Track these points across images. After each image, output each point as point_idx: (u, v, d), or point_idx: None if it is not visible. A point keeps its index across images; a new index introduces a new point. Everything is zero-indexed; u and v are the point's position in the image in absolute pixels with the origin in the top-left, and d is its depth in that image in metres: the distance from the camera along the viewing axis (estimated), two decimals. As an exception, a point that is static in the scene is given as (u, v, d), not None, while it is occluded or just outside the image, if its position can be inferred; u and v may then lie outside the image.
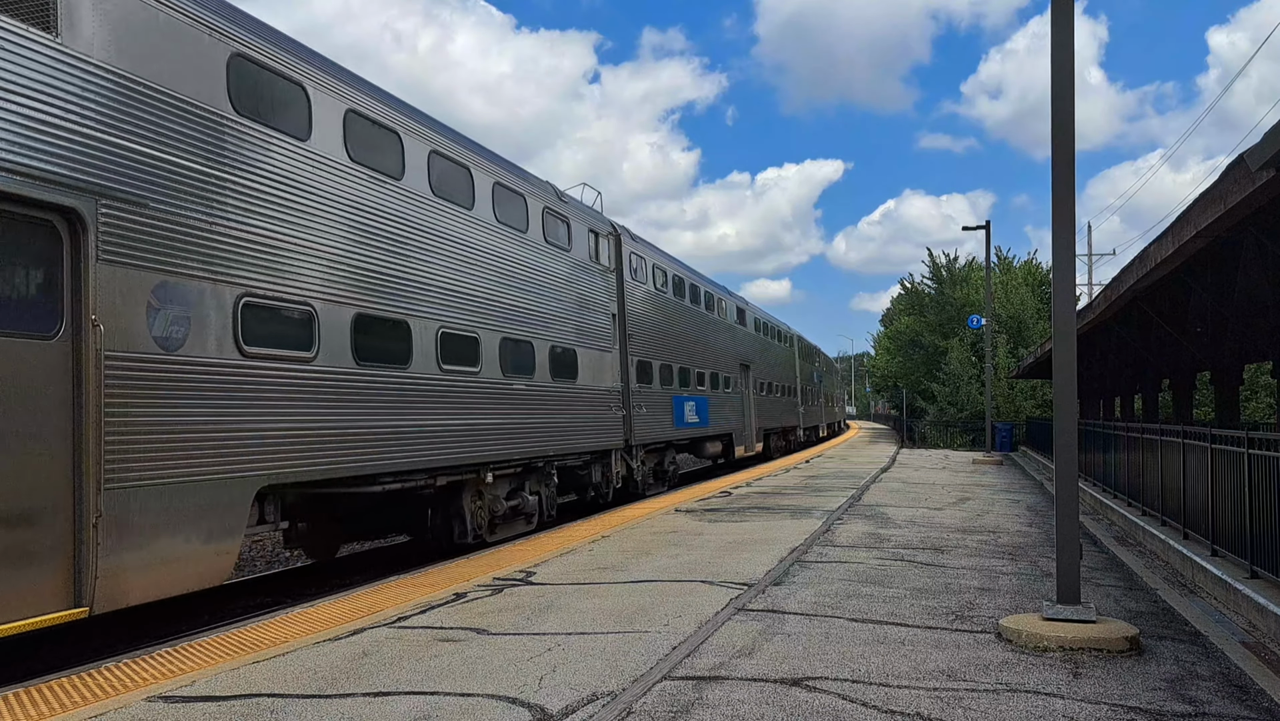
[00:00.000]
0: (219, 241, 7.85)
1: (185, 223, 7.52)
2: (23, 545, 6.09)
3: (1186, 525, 10.26)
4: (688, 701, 5.22)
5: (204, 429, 7.51)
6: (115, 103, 6.99)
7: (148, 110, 7.28)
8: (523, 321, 13.25)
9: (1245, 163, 6.80)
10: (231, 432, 7.79)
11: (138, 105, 7.18)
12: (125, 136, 7.04)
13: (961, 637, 6.64)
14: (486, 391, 12.05)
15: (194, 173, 7.67)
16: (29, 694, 5.58)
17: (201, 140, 7.78)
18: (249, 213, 8.25)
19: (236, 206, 8.11)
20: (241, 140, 8.23)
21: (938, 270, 55.71)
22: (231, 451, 7.77)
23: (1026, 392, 44.90)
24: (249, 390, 8.02)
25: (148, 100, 7.27)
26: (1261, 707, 5.20)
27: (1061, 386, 7.12)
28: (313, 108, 9.23)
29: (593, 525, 13.37)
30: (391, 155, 10.55)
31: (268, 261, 8.42)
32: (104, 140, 6.85)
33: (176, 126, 7.53)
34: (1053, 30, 7.08)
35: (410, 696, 5.42)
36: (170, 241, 7.34)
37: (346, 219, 9.63)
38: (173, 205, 7.40)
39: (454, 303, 11.47)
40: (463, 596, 8.30)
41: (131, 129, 7.10)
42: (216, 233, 7.84)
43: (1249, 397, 32.39)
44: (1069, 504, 7.04)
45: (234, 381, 7.87)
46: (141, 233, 7.07)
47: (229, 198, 8.03)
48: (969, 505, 15.79)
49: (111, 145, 6.91)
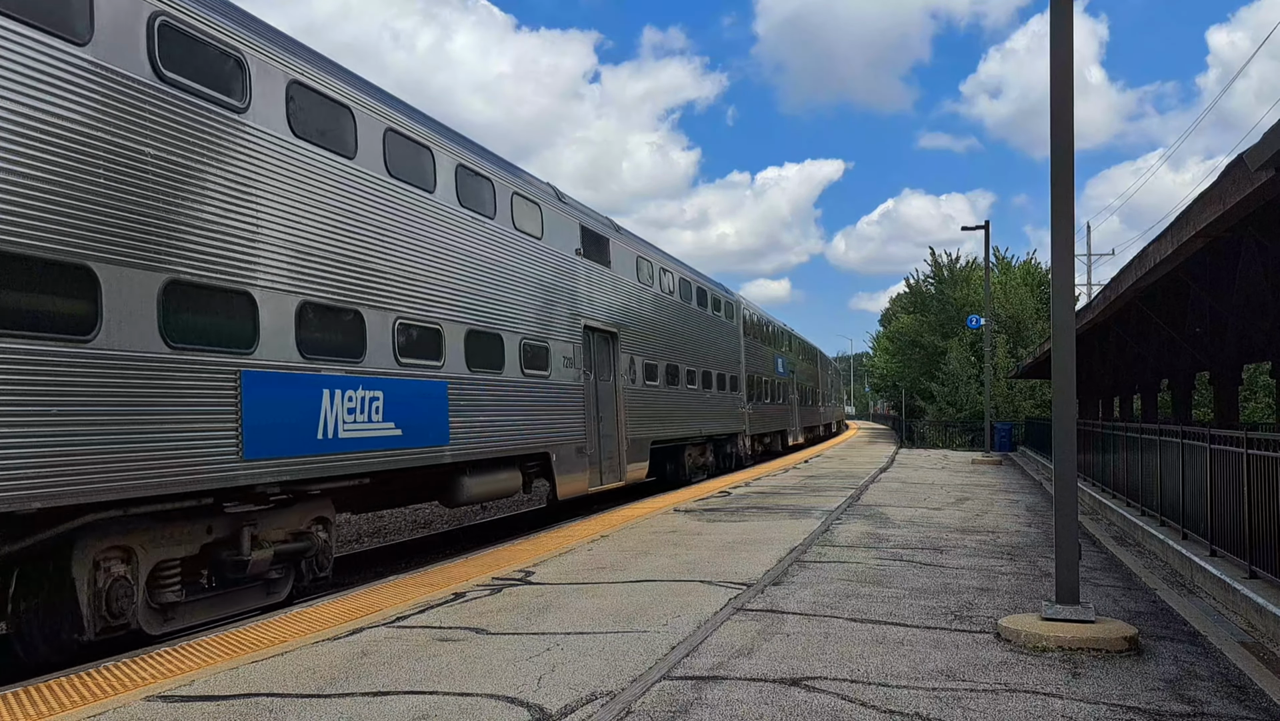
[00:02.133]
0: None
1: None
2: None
3: (1185, 525, 10.27)
4: (687, 701, 5.22)
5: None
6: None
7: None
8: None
9: (1244, 163, 6.81)
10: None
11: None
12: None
13: (960, 637, 6.64)
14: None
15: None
16: (28, 693, 5.58)
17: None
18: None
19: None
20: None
21: (939, 269, 55.75)
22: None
23: (1025, 393, 44.94)
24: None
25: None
26: (1260, 707, 5.21)
27: (1060, 386, 7.12)
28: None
29: (592, 525, 13.36)
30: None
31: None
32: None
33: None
34: (1051, 29, 7.09)
35: (409, 696, 5.42)
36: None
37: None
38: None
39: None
40: (462, 596, 8.30)
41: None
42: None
43: (1248, 398, 32.42)
44: (1068, 504, 7.04)
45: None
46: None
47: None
48: (968, 505, 15.79)
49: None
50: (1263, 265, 10.94)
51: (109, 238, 6.94)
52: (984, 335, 37.15)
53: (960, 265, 55.00)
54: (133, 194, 7.18)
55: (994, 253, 52.94)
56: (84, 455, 6.56)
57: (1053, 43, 7.08)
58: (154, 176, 7.37)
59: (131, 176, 7.18)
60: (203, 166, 7.88)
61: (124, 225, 7.08)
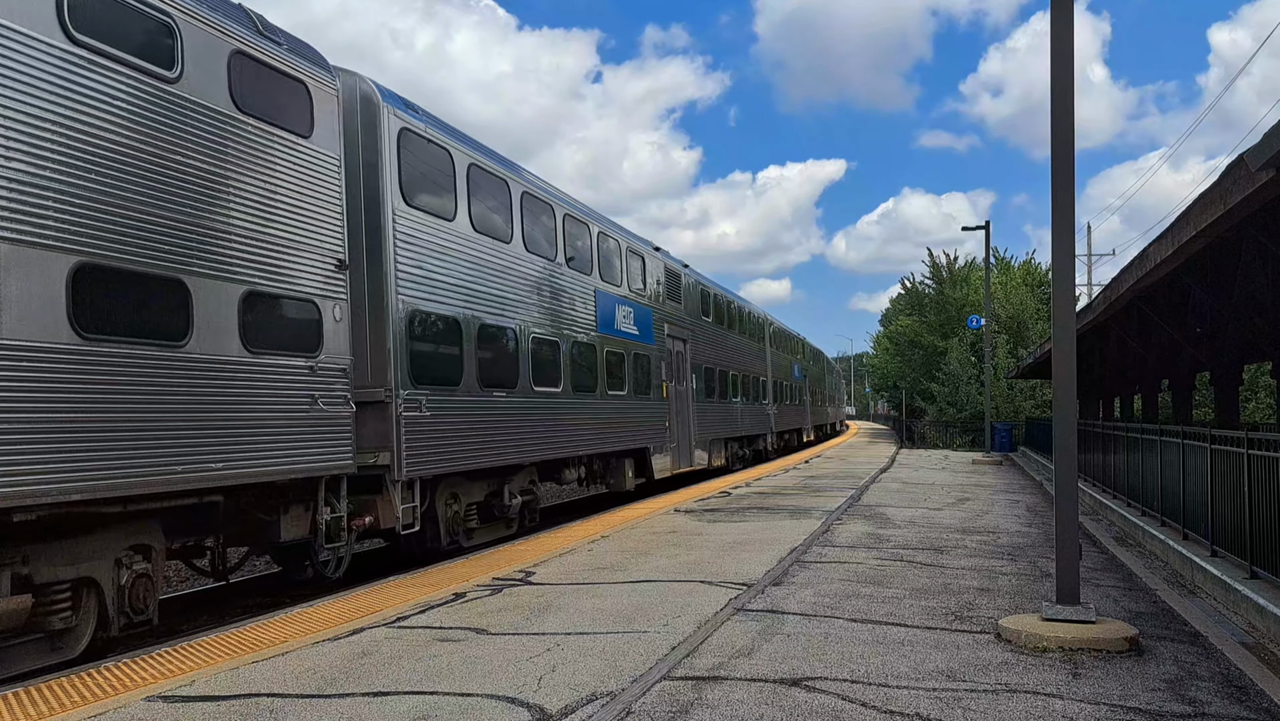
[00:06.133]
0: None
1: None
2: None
3: (1186, 525, 10.26)
4: (687, 701, 5.22)
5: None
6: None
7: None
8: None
9: (1245, 163, 6.81)
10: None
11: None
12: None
13: (961, 638, 6.64)
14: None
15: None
16: (29, 694, 5.58)
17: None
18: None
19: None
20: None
21: (937, 270, 55.72)
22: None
23: (1026, 393, 44.91)
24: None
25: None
26: (1261, 708, 5.20)
27: (1061, 386, 7.12)
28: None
29: (592, 525, 13.36)
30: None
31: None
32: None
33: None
34: (1052, 27, 7.08)
35: (409, 696, 5.42)
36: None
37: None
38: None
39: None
40: (462, 596, 8.30)
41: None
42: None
43: (1249, 398, 32.38)
44: (1068, 504, 7.04)
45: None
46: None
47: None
48: (968, 505, 15.79)
49: None
50: (1263, 265, 10.93)
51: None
52: (984, 335, 37.15)
53: (959, 265, 54.99)
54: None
55: (994, 253, 52.97)
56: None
57: (1053, 41, 7.07)
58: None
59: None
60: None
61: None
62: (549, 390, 13.88)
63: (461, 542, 11.82)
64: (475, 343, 11.79)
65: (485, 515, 12.62)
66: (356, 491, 9.77)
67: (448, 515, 11.60)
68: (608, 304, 16.77)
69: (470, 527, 12.17)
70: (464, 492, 11.99)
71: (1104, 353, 22.72)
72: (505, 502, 12.85)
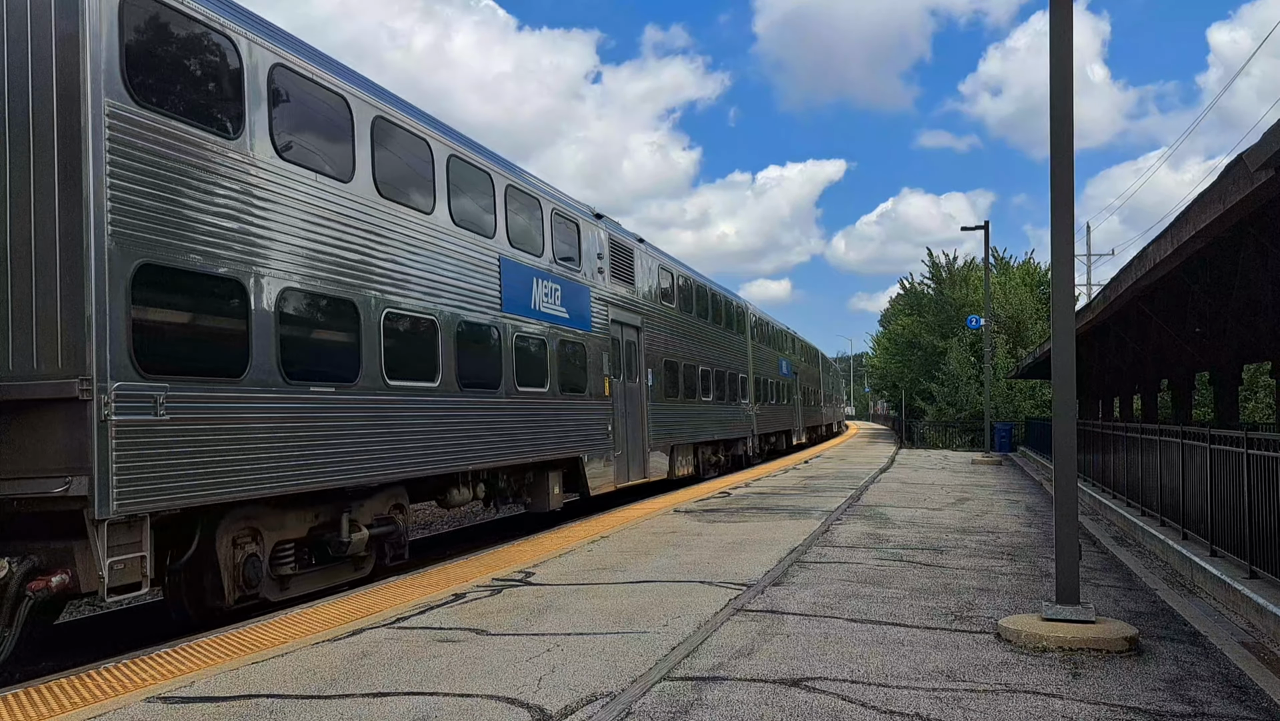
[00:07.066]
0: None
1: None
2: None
3: (1185, 525, 10.26)
4: (687, 702, 5.22)
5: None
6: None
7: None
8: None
9: (1244, 163, 6.81)
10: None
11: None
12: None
13: (961, 638, 6.64)
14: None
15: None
16: (28, 694, 5.58)
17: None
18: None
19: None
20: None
21: (937, 270, 55.74)
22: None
23: (1025, 393, 44.93)
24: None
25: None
26: (1260, 707, 5.21)
27: (1060, 386, 7.12)
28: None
29: (591, 525, 13.36)
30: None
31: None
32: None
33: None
34: (1051, 27, 7.09)
35: (409, 696, 5.42)
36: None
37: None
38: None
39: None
40: (462, 597, 8.30)
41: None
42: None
43: (1248, 398, 32.39)
44: (1068, 504, 7.04)
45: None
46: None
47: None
48: (968, 505, 15.79)
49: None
50: (1263, 265, 10.94)
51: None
52: (983, 335, 37.16)
53: (959, 265, 55.01)
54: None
55: (993, 253, 52.99)
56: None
57: (1052, 41, 7.08)
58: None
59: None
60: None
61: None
62: (418, 384, 10.60)
63: (268, 597, 8.76)
64: (275, 316, 8.43)
65: (321, 554, 9.60)
66: (39, 537, 6.81)
67: (236, 561, 8.35)
68: (521, 277, 13.32)
69: (284, 575, 8.98)
70: (269, 527, 8.78)
71: (1103, 352, 22.74)
72: (343, 539, 9.57)
